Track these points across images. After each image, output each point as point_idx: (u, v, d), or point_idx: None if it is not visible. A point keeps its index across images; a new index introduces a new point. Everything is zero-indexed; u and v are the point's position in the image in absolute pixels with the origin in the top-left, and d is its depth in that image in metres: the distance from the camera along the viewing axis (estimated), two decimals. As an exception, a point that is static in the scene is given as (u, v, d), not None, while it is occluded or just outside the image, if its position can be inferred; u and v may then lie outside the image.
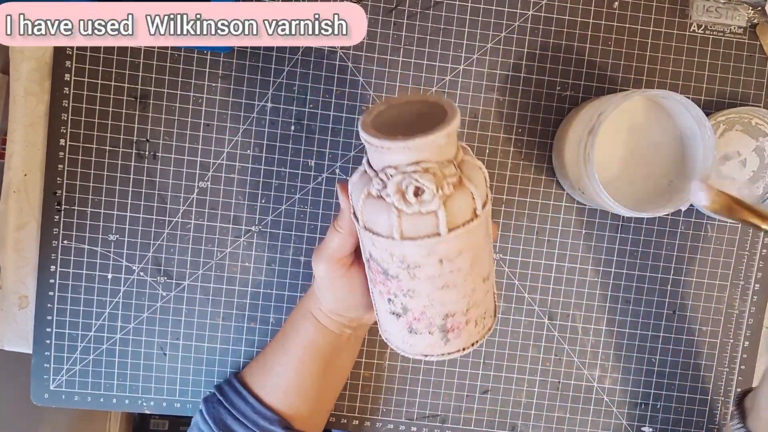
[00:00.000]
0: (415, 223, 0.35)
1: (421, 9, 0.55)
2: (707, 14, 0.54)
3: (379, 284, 0.40)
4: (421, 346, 0.41)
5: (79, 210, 0.55)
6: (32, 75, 0.54)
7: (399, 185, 0.35)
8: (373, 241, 0.37)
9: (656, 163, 0.51)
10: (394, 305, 0.40)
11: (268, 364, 0.51)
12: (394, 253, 0.37)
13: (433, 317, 0.39)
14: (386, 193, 0.35)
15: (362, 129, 0.36)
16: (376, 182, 0.36)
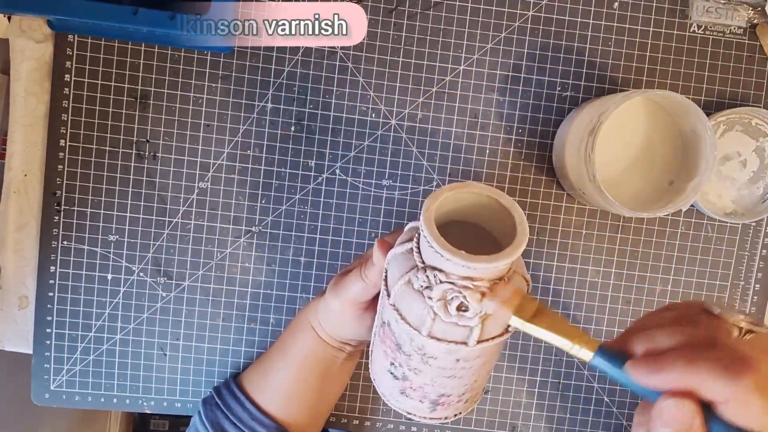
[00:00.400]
0: (447, 329, 0.35)
1: (421, 9, 0.55)
2: (707, 15, 0.54)
3: (386, 347, 0.39)
4: (408, 407, 0.41)
5: (78, 210, 0.55)
6: (32, 75, 0.54)
7: (445, 294, 0.34)
8: (396, 320, 0.36)
9: (656, 164, 0.51)
10: (395, 369, 0.39)
11: (267, 371, 0.51)
12: (415, 340, 0.36)
13: (429, 393, 0.39)
14: (429, 295, 0.34)
15: (426, 224, 0.34)
16: (422, 278, 0.35)
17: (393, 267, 0.37)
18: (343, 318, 0.45)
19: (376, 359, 0.42)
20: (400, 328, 0.37)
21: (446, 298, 0.34)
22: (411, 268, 0.36)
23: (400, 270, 0.37)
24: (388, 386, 0.41)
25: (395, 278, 0.37)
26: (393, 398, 0.42)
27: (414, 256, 0.36)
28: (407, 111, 0.55)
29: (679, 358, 0.30)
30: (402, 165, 0.56)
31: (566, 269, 0.57)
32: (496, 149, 0.56)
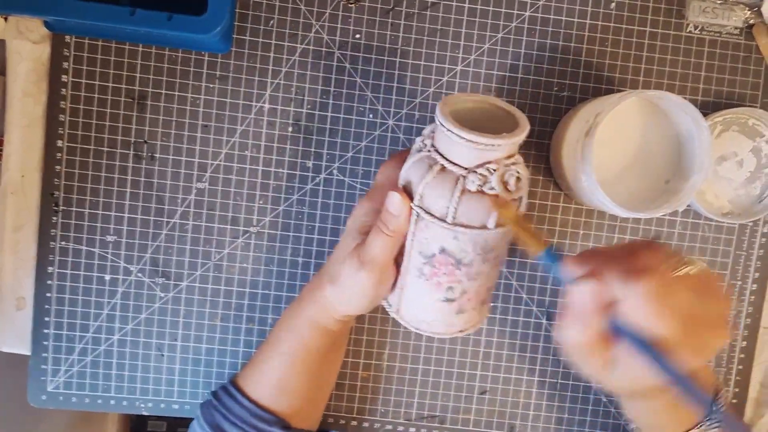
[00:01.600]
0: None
1: (418, 10, 0.55)
2: (703, 15, 0.54)
3: (440, 276, 0.42)
4: (461, 324, 0.44)
5: (76, 211, 0.55)
6: (29, 76, 0.54)
7: (502, 176, 0.39)
8: (457, 235, 0.40)
9: (653, 164, 0.52)
10: (452, 292, 0.42)
11: (261, 365, 0.51)
12: (478, 242, 0.40)
13: (481, 293, 0.43)
14: (489, 187, 0.39)
15: (459, 130, 0.38)
16: (475, 178, 0.39)
17: (430, 195, 0.40)
18: (368, 289, 0.44)
19: (420, 301, 0.43)
20: (461, 240, 0.40)
21: (505, 179, 0.39)
22: (455, 180, 0.39)
23: (446, 188, 0.39)
24: (441, 317, 0.43)
25: (446, 199, 0.39)
26: (448, 325, 0.44)
27: (453, 170, 0.40)
28: (405, 111, 0.55)
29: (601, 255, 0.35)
30: (399, 165, 0.56)
31: (564, 269, 0.57)
32: (493, 149, 0.56)
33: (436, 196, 0.39)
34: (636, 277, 0.32)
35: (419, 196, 0.40)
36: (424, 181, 0.40)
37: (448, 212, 0.39)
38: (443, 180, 0.40)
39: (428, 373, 0.58)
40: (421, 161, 0.41)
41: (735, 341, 0.58)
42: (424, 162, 0.41)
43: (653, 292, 0.32)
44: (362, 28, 0.55)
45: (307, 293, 0.49)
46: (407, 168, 0.42)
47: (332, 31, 0.55)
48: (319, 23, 0.54)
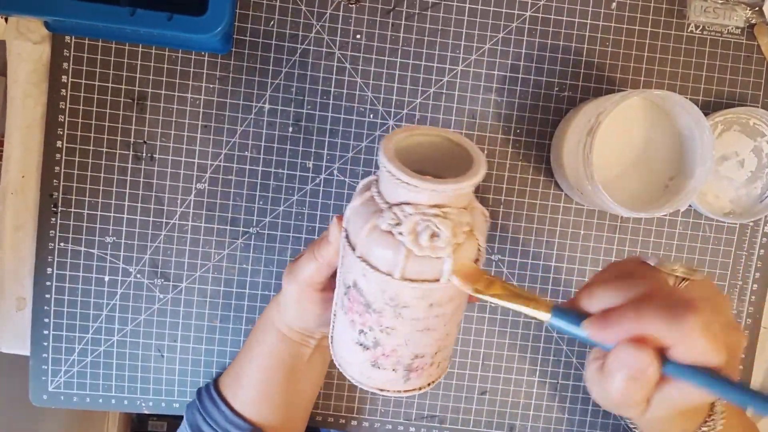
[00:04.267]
0: (420, 265, 0.35)
1: (418, 10, 0.54)
2: (705, 15, 0.54)
3: (353, 314, 0.38)
4: (380, 381, 0.40)
5: (76, 212, 0.55)
6: (30, 77, 0.54)
7: (415, 226, 0.34)
8: (365, 273, 0.36)
9: (655, 164, 0.51)
10: (365, 337, 0.38)
11: (237, 373, 0.51)
12: (386, 289, 0.36)
13: (403, 356, 0.39)
14: (399, 231, 0.34)
15: (387, 159, 0.34)
16: (389, 216, 0.34)
17: (353, 221, 0.37)
18: (301, 304, 0.45)
19: (341, 337, 0.41)
20: (369, 280, 0.36)
21: (417, 229, 0.34)
22: (374, 214, 0.35)
23: (363, 219, 0.36)
24: (357, 362, 0.40)
25: (358, 228, 0.36)
26: (364, 376, 0.40)
27: (376, 200, 0.36)
28: (405, 112, 0.55)
29: (628, 311, 0.32)
30: (400, 166, 0.56)
31: (564, 269, 0.57)
32: (494, 149, 0.56)
33: (355, 223, 0.36)
34: (677, 319, 0.30)
35: (346, 219, 0.37)
36: (352, 203, 0.37)
37: (357, 243, 0.36)
38: (365, 208, 0.36)
39: (429, 373, 0.58)
40: (365, 186, 0.38)
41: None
42: (366, 188, 0.38)
43: (701, 326, 0.30)
44: (362, 28, 0.55)
45: (274, 297, 0.50)
46: (356, 191, 0.39)
47: (332, 31, 0.54)
48: (319, 23, 0.54)
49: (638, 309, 0.32)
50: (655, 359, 0.31)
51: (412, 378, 0.40)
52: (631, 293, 0.33)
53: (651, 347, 0.31)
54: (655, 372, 0.31)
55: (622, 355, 0.31)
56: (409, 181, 0.33)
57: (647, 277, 0.34)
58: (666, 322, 0.31)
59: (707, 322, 0.30)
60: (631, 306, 0.32)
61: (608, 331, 0.32)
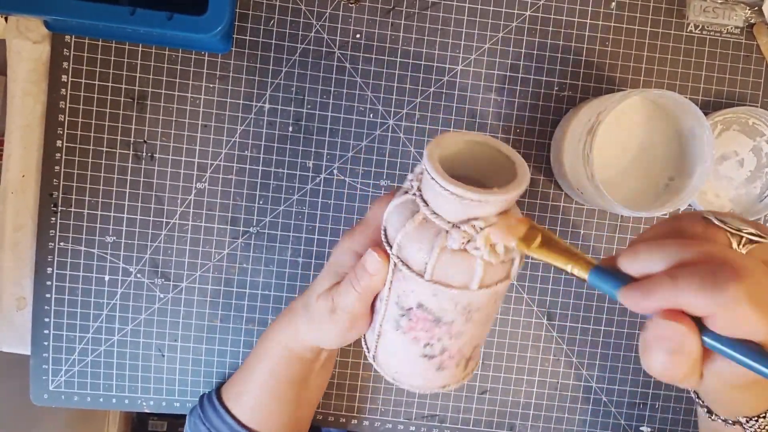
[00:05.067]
0: (494, 272, 0.35)
1: (418, 9, 0.55)
2: (704, 14, 0.54)
3: (417, 331, 0.38)
4: (442, 380, 0.40)
5: (76, 211, 0.55)
6: (30, 76, 0.54)
7: (489, 237, 0.34)
8: (437, 293, 0.36)
9: (654, 163, 0.51)
10: (431, 349, 0.39)
11: (242, 384, 0.51)
12: (460, 301, 0.36)
13: (466, 351, 0.39)
14: (473, 247, 0.34)
15: (443, 180, 0.34)
16: (459, 236, 0.34)
17: (410, 247, 0.36)
18: (335, 331, 0.42)
19: (399, 354, 0.40)
20: (441, 298, 0.36)
21: (493, 241, 0.34)
22: (436, 235, 0.35)
23: (426, 242, 0.35)
24: (419, 372, 0.40)
25: (424, 253, 0.35)
26: (427, 381, 0.40)
27: (434, 222, 0.35)
28: (405, 111, 0.55)
29: (664, 279, 0.29)
30: (400, 165, 0.56)
31: (564, 269, 0.57)
32: (493, 149, 0.56)
33: (415, 249, 0.36)
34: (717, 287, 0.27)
35: (397, 246, 0.37)
36: (404, 230, 0.36)
37: (426, 268, 0.35)
38: (424, 232, 0.36)
39: (429, 373, 0.58)
40: (404, 205, 0.37)
41: None
42: (408, 207, 0.37)
43: (744, 295, 0.26)
44: (362, 28, 0.55)
45: (285, 315, 0.48)
46: (390, 210, 0.38)
47: (332, 30, 0.54)
48: (319, 23, 0.54)
49: (675, 277, 0.28)
50: (692, 331, 0.28)
51: (469, 365, 0.41)
52: (677, 257, 0.29)
53: (688, 318, 0.28)
54: (696, 345, 0.28)
55: (657, 329, 0.29)
56: (480, 198, 0.33)
57: (701, 239, 0.30)
58: (704, 291, 0.27)
59: (753, 291, 0.26)
60: (669, 273, 0.29)
61: (644, 301, 0.29)
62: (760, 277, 0.27)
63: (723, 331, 0.28)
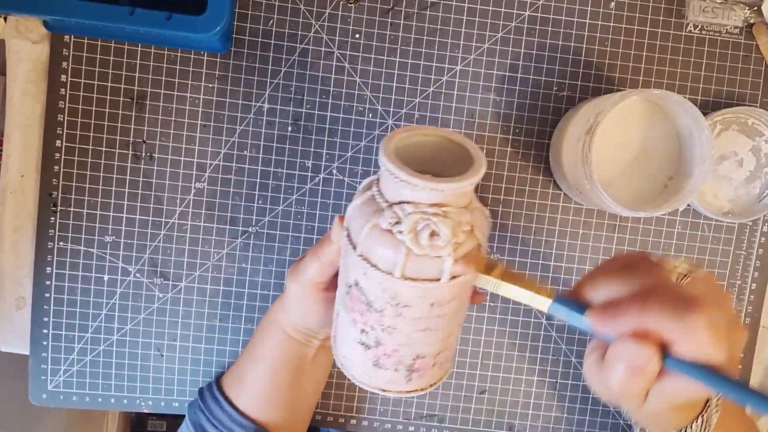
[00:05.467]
0: (420, 264, 0.34)
1: (417, 10, 0.55)
2: (703, 14, 0.54)
3: (355, 313, 0.38)
4: (382, 381, 0.40)
5: (75, 211, 0.55)
6: (29, 76, 0.54)
7: (415, 225, 0.34)
8: (366, 272, 0.36)
9: (653, 163, 0.51)
10: (366, 336, 0.38)
11: (241, 373, 0.51)
12: (387, 288, 0.36)
13: (404, 356, 0.38)
14: (399, 230, 0.34)
15: (386, 158, 0.34)
16: (389, 215, 0.34)
17: (354, 220, 0.36)
18: (305, 304, 0.45)
19: (344, 336, 0.40)
20: (370, 279, 0.36)
21: (417, 228, 0.34)
22: (375, 213, 0.35)
23: (364, 218, 0.36)
24: (359, 362, 0.40)
25: (359, 227, 0.35)
26: (366, 375, 0.40)
27: (377, 199, 0.36)
28: (404, 111, 0.55)
29: (633, 303, 0.32)
30: (399, 165, 0.56)
31: (563, 269, 0.57)
32: (493, 149, 0.56)
33: (356, 222, 0.36)
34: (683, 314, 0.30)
35: (347, 218, 0.37)
36: (353, 202, 0.37)
37: (358, 242, 0.36)
38: (366, 207, 0.36)
39: (428, 372, 0.58)
40: (367, 184, 0.38)
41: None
42: (367, 185, 0.37)
43: (706, 324, 0.30)
44: (362, 27, 0.55)
45: (279, 297, 0.50)
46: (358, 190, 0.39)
47: (332, 30, 0.54)
48: (318, 23, 0.54)
49: (643, 302, 0.31)
50: (656, 353, 0.31)
51: (413, 378, 0.40)
52: (635, 286, 0.33)
53: (653, 341, 0.31)
54: (656, 366, 0.31)
55: (623, 348, 0.31)
56: (409, 179, 0.33)
57: (651, 272, 0.34)
58: (671, 318, 0.30)
59: (712, 320, 0.30)
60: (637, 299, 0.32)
61: (612, 323, 0.32)
62: (714, 308, 0.31)
63: (686, 353, 0.31)
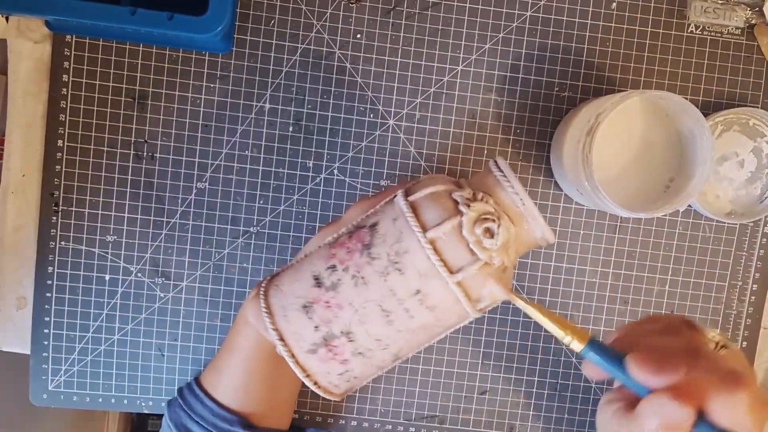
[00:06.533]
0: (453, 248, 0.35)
1: (419, 10, 0.55)
2: (705, 15, 0.54)
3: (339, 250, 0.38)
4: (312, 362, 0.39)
5: (76, 211, 0.55)
6: (31, 75, 0.54)
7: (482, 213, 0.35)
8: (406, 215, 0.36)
9: (654, 164, 0.51)
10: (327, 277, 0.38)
11: (219, 368, 0.51)
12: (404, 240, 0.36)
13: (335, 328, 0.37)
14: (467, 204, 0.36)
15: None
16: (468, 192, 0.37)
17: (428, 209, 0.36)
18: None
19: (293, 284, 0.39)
20: (400, 225, 0.35)
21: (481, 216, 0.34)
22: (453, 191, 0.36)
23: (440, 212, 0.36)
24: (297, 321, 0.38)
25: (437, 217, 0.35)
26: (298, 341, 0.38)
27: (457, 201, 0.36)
28: (405, 111, 0.55)
29: (681, 361, 0.32)
30: (400, 165, 0.56)
31: (564, 269, 0.57)
32: (493, 149, 0.56)
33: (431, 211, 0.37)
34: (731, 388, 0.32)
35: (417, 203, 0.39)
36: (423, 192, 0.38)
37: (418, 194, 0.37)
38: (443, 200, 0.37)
39: (428, 373, 0.58)
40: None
41: (735, 342, 0.58)
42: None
43: (748, 402, 0.31)
44: (363, 28, 0.55)
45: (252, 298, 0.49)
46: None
47: (333, 31, 0.55)
48: (319, 23, 0.54)
49: (691, 362, 0.32)
50: (693, 416, 0.32)
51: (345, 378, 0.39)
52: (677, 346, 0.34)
53: (693, 402, 0.32)
54: (689, 428, 0.32)
55: (661, 403, 0.32)
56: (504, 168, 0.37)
57: (693, 337, 0.35)
58: (718, 387, 0.32)
59: (754, 399, 0.31)
60: (684, 358, 0.33)
61: (656, 371, 0.32)
62: (755, 386, 0.32)
63: (721, 423, 0.32)
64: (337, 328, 0.37)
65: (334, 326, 0.37)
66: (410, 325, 0.36)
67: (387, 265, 0.35)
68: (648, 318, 0.38)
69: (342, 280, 0.36)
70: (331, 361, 0.38)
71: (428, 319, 0.36)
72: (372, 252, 0.35)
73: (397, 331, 0.37)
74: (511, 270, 0.38)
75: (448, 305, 0.36)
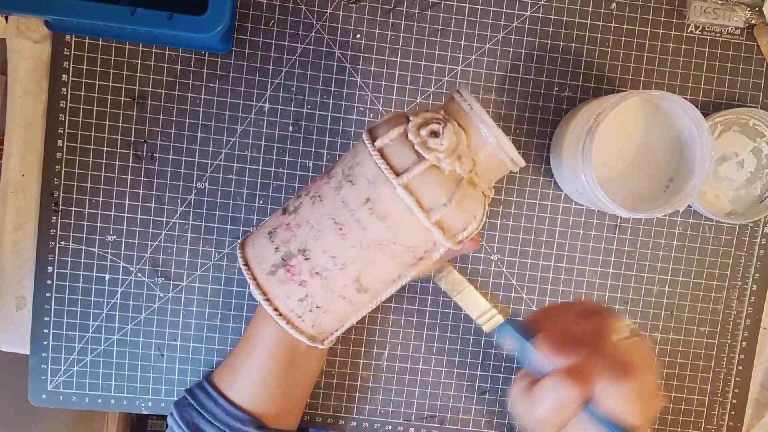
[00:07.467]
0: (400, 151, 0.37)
1: (419, 10, 0.55)
2: (704, 15, 0.54)
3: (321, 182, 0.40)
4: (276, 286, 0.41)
5: (76, 211, 0.55)
6: (30, 75, 0.54)
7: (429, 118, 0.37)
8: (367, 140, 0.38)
9: (654, 164, 0.51)
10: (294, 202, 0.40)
11: (234, 365, 0.51)
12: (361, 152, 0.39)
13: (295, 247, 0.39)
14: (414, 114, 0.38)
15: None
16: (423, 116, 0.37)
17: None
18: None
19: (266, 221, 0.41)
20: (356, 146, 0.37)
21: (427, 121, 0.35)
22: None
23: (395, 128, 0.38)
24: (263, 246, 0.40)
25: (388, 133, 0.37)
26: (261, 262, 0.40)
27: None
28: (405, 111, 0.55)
29: (584, 345, 0.35)
30: (400, 165, 0.56)
31: (563, 269, 0.57)
32: (493, 150, 0.56)
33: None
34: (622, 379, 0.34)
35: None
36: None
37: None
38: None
39: (428, 373, 0.58)
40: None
41: (735, 342, 0.58)
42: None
43: (635, 392, 0.34)
44: (363, 28, 0.55)
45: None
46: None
47: (333, 30, 0.55)
48: (319, 23, 0.54)
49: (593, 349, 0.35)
50: (580, 397, 0.34)
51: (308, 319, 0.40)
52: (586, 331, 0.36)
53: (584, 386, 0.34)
54: (578, 408, 0.34)
55: (557, 384, 0.34)
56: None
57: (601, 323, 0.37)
58: (609, 376, 0.34)
59: (641, 389, 0.34)
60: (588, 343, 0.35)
61: (559, 350, 0.35)
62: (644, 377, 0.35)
63: (608, 409, 0.34)
64: (294, 246, 0.38)
65: (292, 245, 0.38)
66: (363, 238, 0.36)
67: (341, 180, 0.36)
68: (569, 303, 0.40)
69: (303, 203, 0.38)
70: (290, 282, 0.38)
71: (382, 233, 0.37)
72: (330, 173, 0.37)
73: (351, 246, 0.37)
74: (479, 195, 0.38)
75: (399, 215, 0.36)
